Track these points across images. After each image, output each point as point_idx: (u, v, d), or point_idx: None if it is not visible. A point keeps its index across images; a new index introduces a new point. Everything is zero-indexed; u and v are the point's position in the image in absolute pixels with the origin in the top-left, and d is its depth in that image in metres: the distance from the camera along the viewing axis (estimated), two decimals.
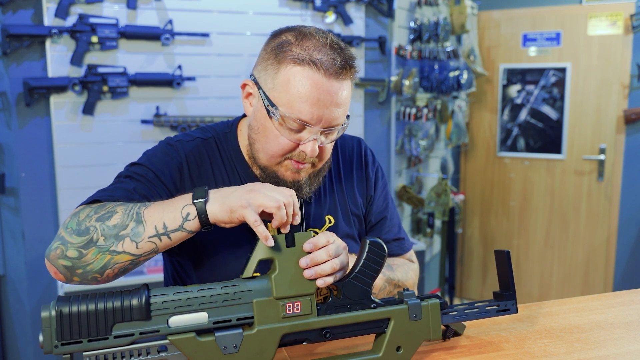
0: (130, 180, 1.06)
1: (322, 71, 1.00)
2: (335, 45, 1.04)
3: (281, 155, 1.06)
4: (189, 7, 2.69)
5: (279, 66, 1.02)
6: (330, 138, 1.07)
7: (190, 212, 0.91)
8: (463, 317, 0.97)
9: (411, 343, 0.91)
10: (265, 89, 1.04)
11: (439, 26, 3.39)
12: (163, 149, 1.13)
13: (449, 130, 3.79)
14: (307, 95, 1.00)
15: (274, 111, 1.02)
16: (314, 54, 1.01)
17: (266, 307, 0.84)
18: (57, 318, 0.75)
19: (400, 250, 1.32)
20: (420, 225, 3.67)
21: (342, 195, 1.23)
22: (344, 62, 1.02)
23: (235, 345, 0.82)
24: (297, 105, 1.01)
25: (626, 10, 3.74)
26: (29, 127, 2.49)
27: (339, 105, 1.04)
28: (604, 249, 4.00)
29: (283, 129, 1.03)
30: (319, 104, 1.01)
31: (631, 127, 3.83)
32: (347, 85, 1.05)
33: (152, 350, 0.79)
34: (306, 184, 1.10)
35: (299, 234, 0.89)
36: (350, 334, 0.90)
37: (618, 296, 1.27)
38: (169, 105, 2.69)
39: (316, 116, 1.01)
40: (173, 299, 0.80)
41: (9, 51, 2.38)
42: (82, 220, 0.93)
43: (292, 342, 0.89)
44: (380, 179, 1.31)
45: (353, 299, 0.90)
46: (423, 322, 0.91)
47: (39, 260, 2.56)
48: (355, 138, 1.32)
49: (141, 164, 1.10)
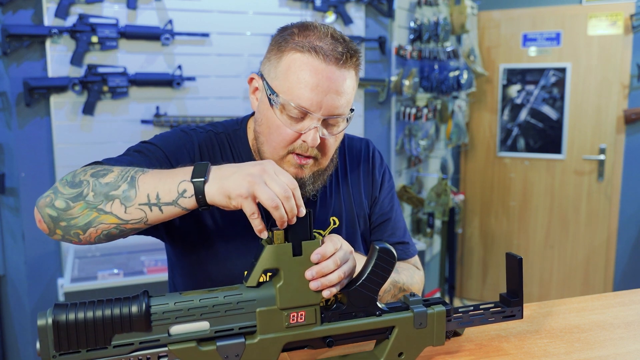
0: (139, 154, 1.06)
1: (321, 57, 1.00)
2: (338, 36, 1.04)
3: (284, 146, 1.05)
4: (189, 7, 2.69)
5: (281, 55, 1.03)
6: (333, 130, 1.06)
7: (187, 189, 0.87)
8: (468, 323, 0.96)
9: (414, 349, 0.90)
10: (269, 79, 1.05)
11: (439, 26, 3.39)
12: (177, 134, 1.14)
13: (449, 130, 3.79)
14: (306, 80, 1.00)
15: (275, 99, 1.03)
16: (315, 42, 1.02)
17: (269, 316, 0.82)
18: (54, 328, 0.72)
19: (405, 255, 1.30)
20: (420, 225, 3.67)
21: (347, 197, 1.23)
22: (345, 51, 1.02)
23: (237, 354, 0.80)
24: (296, 91, 1.01)
25: (626, 10, 3.74)
26: (29, 127, 2.49)
27: (339, 93, 1.03)
28: (604, 249, 4.00)
29: (284, 118, 1.03)
30: (318, 89, 1.00)
31: (631, 127, 3.83)
32: (349, 75, 1.04)
33: (152, 358, 0.78)
34: (309, 182, 1.09)
35: (306, 242, 0.84)
36: (353, 340, 0.89)
37: (618, 296, 1.27)
38: (169, 105, 2.69)
39: (315, 102, 1.01)
40: (174, 308, 0.78)
41: (9, 51, 2.38)
42: (78, 173, 0.92)
43: (293, 348, 0.88)
44: (387, 182, 1.30)
45: (358, 306, 0.87)
46: (427, 329, 0.90)
47: (39, 260, 2.56)
48: (364, 140, 1.31)
49: (153, 143, 1.10)
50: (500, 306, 0.98)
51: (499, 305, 0.99)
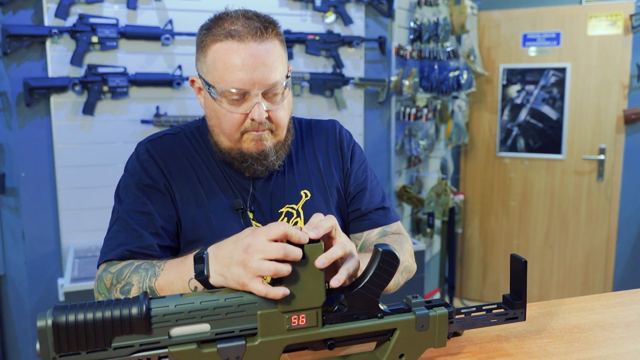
0: (126, 217, 1.13)
1: (237, 38, 1.06)
2: (251, 15, 1.09)
3: (236, 129, 1.11)
4: (189, 7, 2.69)
5: (205, 50, 1.09)
6: (276, 99, 1.11)
7: (197, 285, 0.92)
8: (471, 325, 0.95)
9: (415, 351, 0.90)
10: (203, 75, 1.12)
11: (439, 26, 3.39)
12: (138, 159, 1.18)
13: (449, 130, 3.79)
14: (231, 64, 1.06)
15: (213, 91, 1.09)
16: (229, 27, 1.07)
17: (270, 319, 0.81)
18: (54, 330, 0.72)
19: (386, 219, 1.30)
20: (420, 225, 3.67)
21: (316, 169, 1.26)
22: (259, 25, 1.07)
23: (237, 356, 0.80)
24: (227, 77, 1.06)
25: (626, 10, 3.74)
26: (29, 127, 2.49)
27: (267, 65, 1.07)
28: (603, 249, 4.00)
29: (227, 105, 1.09)
30: (244, 68, 1.05)
31: (631, 127, 3.83)
32: (272, 45, 1.08)
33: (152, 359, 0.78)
34: (271, 153, 1.14)
35: (309, 246, 0.82)
36: (354, 342, 0.89)
37: (618, 296, 1.27)
38: (169, 105, 2.69)
39: (247, 80, 1.06)
40: (174, 311, 0.78)
41: (9, 51, 2.38)
42: (110, 288, 1.06)
43: (294, 349, 0.88)
44: (356, 154, 1.32)
45: (360, 309, 0.87)
46: (429, 331, 0.90)
47: (39, 260, 2.56)
48: (330, 120, 1.35)
49: (127, 188, 1.16)
50: (504, 307, 0.98)
51: (502, 307, 0.98)
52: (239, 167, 1.17)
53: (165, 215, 1.15)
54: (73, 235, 2.58)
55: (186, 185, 1.17)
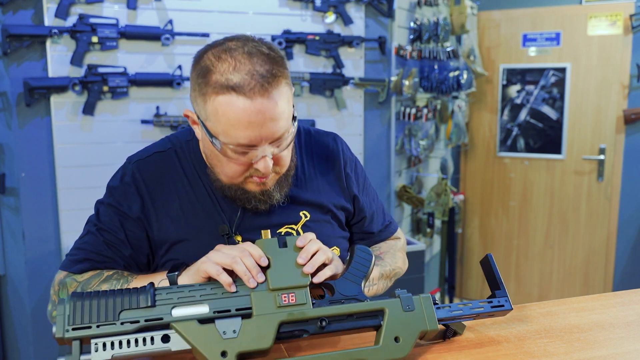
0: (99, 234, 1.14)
1: (242, 95, 0.97)
2: (255, 51, 1.00)
3: (240, 176, 1.07)
4: (189, 7, 2.69)
5: (205, 98, 1.00)
6: (282, 147, 1.05)
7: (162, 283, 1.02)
8: (458, 312, 0.99)
9: (409, 334, 0.93)
10: (202, 118, 1.04)
11: (439, 26, 3.39)
12: (122, 181, 1.16)
13: (449, 130, 3.79)
14: (238, 121, 0.98)
15: (216, 142, 1.02)
16: (231, 78, 0.97)
17: (263, 298, 0.90)
18: (70, 306, 0.82)
19: (389, 233, 1.38)
20: (420, 225, 3.68)
21: (317, 190, 1.23)
22: (266, 74, 0.98)
23: (234, 330, 0.86)
24: (232, 133, 0.99)
25: (626, 10, 3.75)
26: (29, 127, 2.50)
27: (275, 119, 1.00)
28: (603, 249, 4.00)
29: (231, 153, 1.02)
30: (252, 126, 0.98)
31: (631, 127, 3.84)
32: (278, 94, 1.00)
33: (155, 339, 0.84)
34: (276, 191, 1.11)
35: (289, 237, 0.97)
36: (348, 325, 0.93)
37: (618, 296, 1.28)
38: (169, 105, 2.69)
39: (254, 137, 1.00)
40: (176, 290, 0.88)
41: (9, 51, 2.38)
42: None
43: (291, 336, 0.90)
44: (360, 175, 1.31)
45: (346, 295, 0.96)
46: (417, 313, 0.95)
47: (39, 260, 2.56)
48: (330, 134, 1.30)
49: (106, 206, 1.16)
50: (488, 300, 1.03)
51: (486, 301, 1.03)
52: (240, 202, 1.13)
53: (136, 246, 1.15)
54: (73, 235, 2.57)
55: (168, 211, 1.14)
